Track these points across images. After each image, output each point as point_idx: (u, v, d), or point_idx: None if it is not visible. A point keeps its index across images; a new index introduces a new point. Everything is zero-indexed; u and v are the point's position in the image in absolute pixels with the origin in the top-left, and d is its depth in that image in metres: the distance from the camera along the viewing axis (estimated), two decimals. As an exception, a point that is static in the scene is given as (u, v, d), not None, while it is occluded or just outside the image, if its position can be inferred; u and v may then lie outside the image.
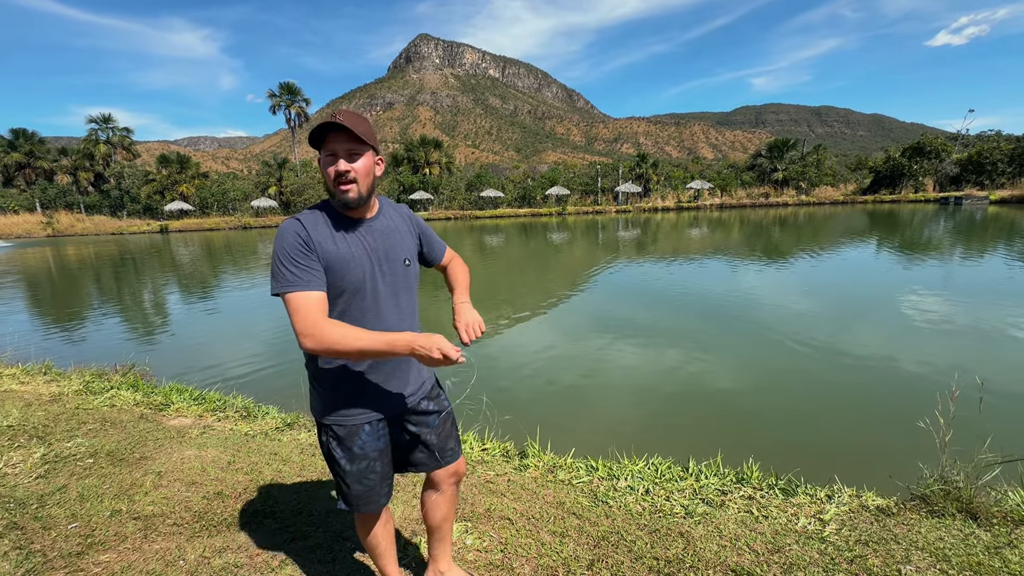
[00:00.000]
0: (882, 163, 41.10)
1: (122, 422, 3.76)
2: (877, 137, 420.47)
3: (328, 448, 1.53)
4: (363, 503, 1.55)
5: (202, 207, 47.68)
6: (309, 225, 1.38)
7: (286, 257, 1.33)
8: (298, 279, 1.31)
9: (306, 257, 1.34)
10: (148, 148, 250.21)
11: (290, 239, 1.34)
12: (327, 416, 1.50)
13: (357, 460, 1.51)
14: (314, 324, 1.27)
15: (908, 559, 1.95)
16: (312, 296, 1.31)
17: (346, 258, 1.40)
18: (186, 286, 13.64)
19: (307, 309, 1.29)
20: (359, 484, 1.53)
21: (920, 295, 8.42)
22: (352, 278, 1.41)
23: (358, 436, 1.50)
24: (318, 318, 1.29)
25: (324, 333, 1.27)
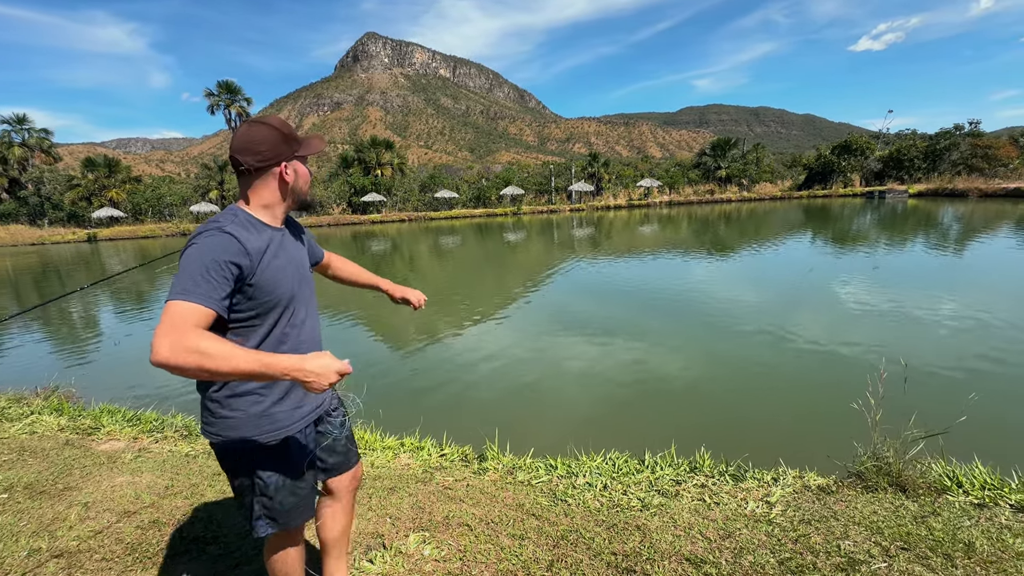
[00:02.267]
0: (814, 160, 43.77)
1: (44, 450, 3.44)
2: (809, 136, 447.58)
3: (251, 468, 1.38)
4: (295, 516, 1.46)
5: (135, 213, 44.66)
6: (243, 239, 1.26)
7: (202, 268, 1.18)
8: (189, 290, 1.15)
9: (220, 273, 1.20)
10: (71, 151, 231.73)
11: (214, 252, 1.21)
12: (252, 433, 1.36)
13: (289, 471, 1.42)
14: (188, 335, 1.09)
15: (846, 534, 2.06)
16: (200, 310, 1.15)
17: (279, 273, 1.35)
18: (119, 299, 12.72)
19: (184, 319, 1.11)
20: (292, 496, 1.44)
21: (851, 283, 9.00)
22: (284, 291, 1.37)
23: (290, 444, 1.42)
24: (195, 330, 1.12)
25: (198, 345, 1.07)
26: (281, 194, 1.40)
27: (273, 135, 1.34)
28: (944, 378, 4.65)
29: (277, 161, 1.35)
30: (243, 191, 1.39)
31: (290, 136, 1.38)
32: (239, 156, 1.33)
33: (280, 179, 1.38)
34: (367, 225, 38.21)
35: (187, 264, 1.19)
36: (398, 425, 3.83)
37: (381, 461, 3.14)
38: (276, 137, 1.34)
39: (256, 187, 1.37)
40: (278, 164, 1.36)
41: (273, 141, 1.34)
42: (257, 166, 1.34)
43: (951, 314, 6.65)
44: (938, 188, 31.86)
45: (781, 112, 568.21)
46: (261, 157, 1.33)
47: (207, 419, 1.37)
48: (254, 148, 1.32)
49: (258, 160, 1.33)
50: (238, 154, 1.33)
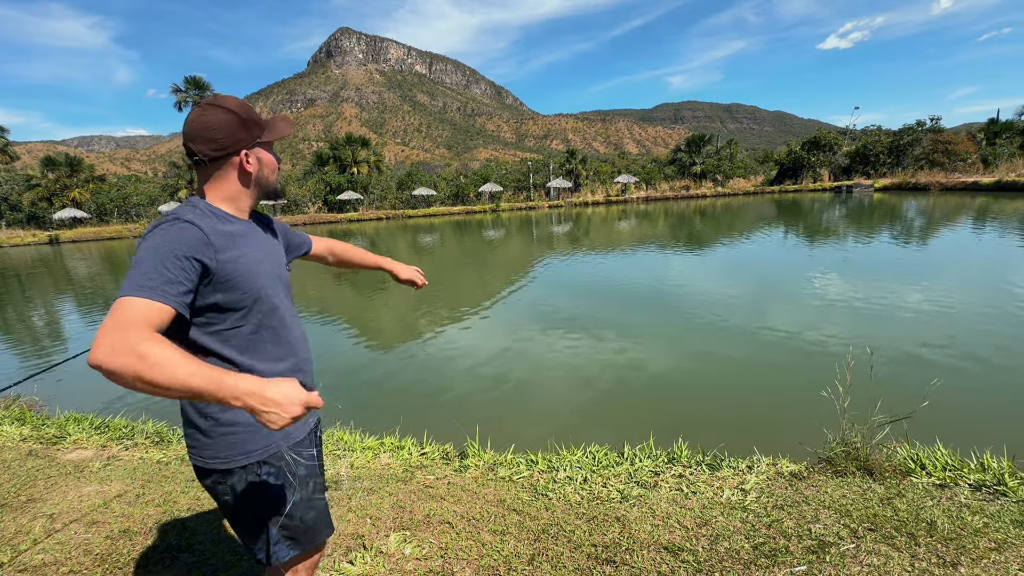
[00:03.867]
0: (785, 156, 44.84)
1: (4, 462, 3.30)
2: (780, 132, 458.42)
3: (262, 487, 1.22)
4: (318, 532, 1.32)
5: (100, 214, 43.05)
6: (206, 228, 1.11)
7: (158, 261, 1.02)
8: (144, 285, 0.99)
9: (178, 267, 1.04)
10: (30, 149, 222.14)
11: (174, 243, 1.05)
12: (258, 445, 1.22)
13: (305, 483, 1.29)
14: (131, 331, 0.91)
15: (817, 518, 2.13)
16: (154, 307, 0.98)
17: (251, 265, 1.20)
18: (84, 304, 12.26)
19: (134, 319, 0.94)
20: (311, 510, 1.30)
21: (821, 275, 9.27)
22: (260, 286, 1.22)
23: (300, 453, 1.29)
24: (141, 331, 0.93)
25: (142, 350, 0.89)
26: (243, 185, 1.24)
27: (230, 120, 1.18)
28: (908, 365, 4.84)
29: (236, 149, 1.19)
30: (201, 182, 1.23)
31: (250, 120, 1.21)
32: (192, 145, 1.17)
33: (240, 169, 1.22)
34: (344, 224, 37.64)
35: (142, 257, 1.03)
36: (378, 425, 3.80)
37: (361, 462, 3.11)
38: (233, 122, 1.18)
39: (215, 178, 1.22)
40: (237, 153, 1.20)
41: (230, 127, 1.18)
42: (213, 155, 1.18)
43: (915, 304, 6.91)
44: (902, 182, 33.00)
45: (753, 109, 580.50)
46: (217, 145, 1.17)
47: (199, 441, 1.20)
48: (208, 135, 1.16)
49: (214, 149, 1.17)
50: (192, 142, 1.17)
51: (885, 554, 1.86)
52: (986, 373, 4.65)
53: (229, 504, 1.24)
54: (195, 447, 1.21)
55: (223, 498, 1.24)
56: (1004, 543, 1.87)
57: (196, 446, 1.21)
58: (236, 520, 1.27)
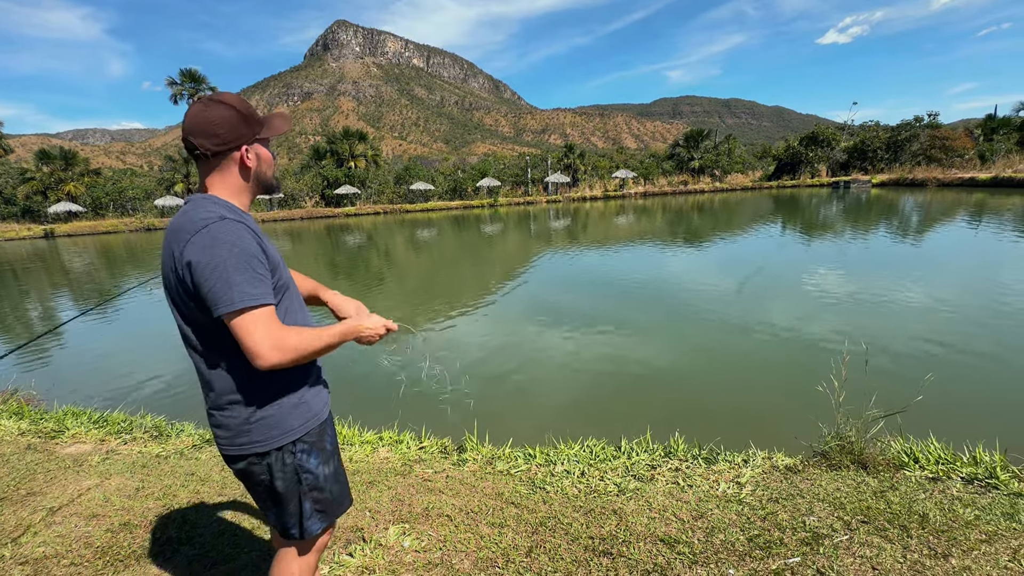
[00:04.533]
0: (783, 151, 44.84)
1: (3, 456, 3.31)
2: (779, 127, 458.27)
3: (296, 466, 1.32)
4: (342, 504, 1.44)
5: (95, 208, 42.75)
6: (253, 226, 1.23)
7: (244, 266, 1.14)
8: (256, 293, 1.15)
9: (263, 266, 1.19)
10: (23, 142, 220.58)
11: (244, 244, 1.16)
12: (292, 425, 1.31)
13: (332, 457, 1.41)
14: (282, 335, 1.16)
15: (811, 510, 2.16)
16: (270, 310, 1.18)
17: (275, 252, 1.31)
18: (81, 297, 12.22)
19: (272, 321, 1.17)
20: (337, 483, 1.42)
21: (818, 271, 9.31)
22: (285, 271, 1.34)
23: (327, 431, 1.41)
24: (281, 327, 1.18)
25: (291, 342, 1.17)
26: (244, 180, 1.29)
27: (232, 116, 1.22)
28: (903, 360, 4.87)
29: (237, 145, 1.24)
30: (202, 177, 1.27)
31: (250, 116, 1.26)
32: (194, 139, 1.21)
33: (241, 164, 1.27)
34: (341, 218, 37.52)
35: (230, 264, 1.13)
36: (376, 419, 3.81)
37: (360, 456, 3.12)
38: (235, 118, 1.22)
39: (217, 173, 1.26)
40: (238, 148, 1.25)
41: (232, 123, 1.22)
42: (215, 150, 1.22)
43: (911, 299, 6.95)
44: (899, 178, 33.05)
45: (752, 104, 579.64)
46: (219, 140, 1.21)
47: (235, 430, 1.27)
48: (211, 130, 1.20)
49: (216, 144, 1.21)
50: (193, 137, 1.21)
51: (878, 546, 1.89)
52: (980, 368, 4.69)
53: (265, 484, 1.32)
54: (230, 437, 1.28)
55: (259, 478, 1.31)
56: (994, 535, 1.90)
57: (231, 435, 1.28)
58: (272, 499, 1.34)
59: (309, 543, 1.42)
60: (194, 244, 1.13)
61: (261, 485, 1.33)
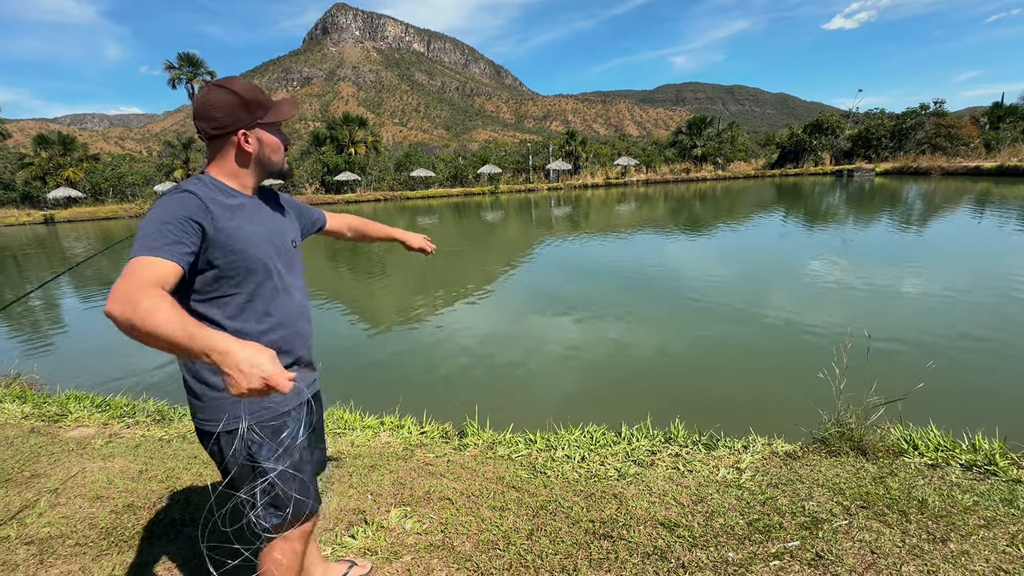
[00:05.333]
0: (787, 139, 44.46)
1: (7, 439, 3.33)
2: (782, 115, 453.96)
3: (247, 454, 1.28)
4: (301, 504, 1.36)
5: (94, 193, 42.59)
6: (206, 198, 1.19)
7: (156, 224, 1.11)
8: (153, 246, 1.08)
9: (180, 228, 1.12)
10: (21, 127, 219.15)
11: (174, 208, 1.14)
12: (240, 416, 1.26)
13: (289, 453, 1.33)
14: (139, 287, 0.99)
15: (811, 495, 2.17)
16: (159, 262, 1.07)
17: (248, 235, 1.26)
18: (81, 283, 12.22)
19: (140, 272, 1.03)
20: (295, 480, 1.35)
21: (820, 259, 9.28)
22: (256, 258, 1.27)
23: (287, 426, 1.33)
24: (149, 284, 1.02)
25: (139, 298, 0.96)
26: (240, 164, 1.30)
27: (230, 101, 1.24)
28: (905, 348, 4.87)
29: (234, 129, 1.26)
30: (208, 158, 1.32)
31: (253, 102, 1.26)
32: (196, 122, 1.27)
33: (239, 149, 1.28)
34: (341, 205, 37.36)
35: (147, 223, 1.13)
36: (378, 404, 3.83)
37: (361, 440, 3.14)
38: (234, 103, 1.24)
39: (218, 155, 1.30)
40: (235, 132, 1.26)
41: (229, 107, 1.24)
42: (212, 133, 1.26)
43: (913, 288, 6.93)
44: (904, 166, 32.81)
45: (755, 91, 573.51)
46: (216, 124, 1.24)
47: (195, 405, 1.28)
48: (209, 114, 1.24)
49: (213, 127, 1.25)
50: (195, 119, 1.27)
51: (877, 530, 1.90)
52: (981, 356, 4.69)
53: (219, 466, 1.33)
54: (192, 411, 1.30)
55: (216, 460, 1.33)
56: (993, 520, 1.91)
57: (193, 410, 1.30)
58: (227, 481, 1.33)
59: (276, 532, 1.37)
60: (150, 209, 1.18)
61: (219, 467, 1.34)
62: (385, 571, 1.89)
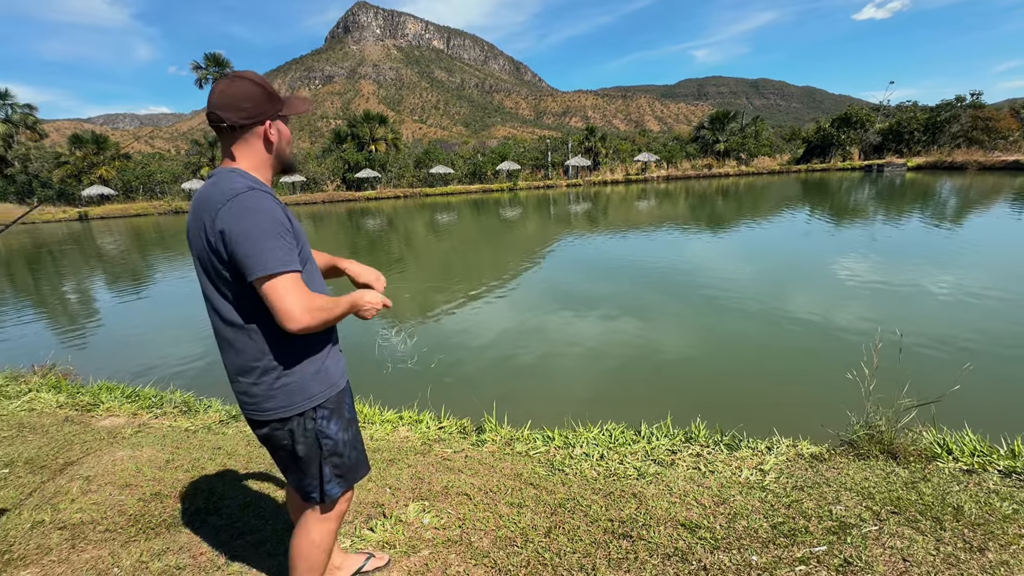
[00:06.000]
0: (813, 133, 43.24)
1: (43, 427, 3.46)
2: (809, 108, 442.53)
3: (317, 432, 1.37)
4: (360, 470, 1.50)
5: (126, 191, 43.93)
6: (277, 198, 1.29)
7: (272, 233, 1.19)
8: (287, 259, 1.21)
9: (289, 234, 1.25)
10: (57, 127, 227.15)
11: (273, 213, 1.22)
12: (312, 392, 1.35)
13: (350, 425, 1.46)
14: (311, 299, 1.23)
15: (838, 499, 2.10)
16: (300, 276, 1.25)
17: (297, 225, 1.35)
18: (114, 277, 12.63)
19: (301, 285, 1.23)
20: (355, 449, 1.47)
21: (848, 258, 9.01)
22: (304, 243, 1.37)
23: (344, 399, 1.45)
24: (310, 293, 1.25)
25: (317, 303, 1.23)
26: (267, 153, 1.34)
27: (257, 91, 1.27)
28: (938, 350, 4.70)
29: (261, 120, 1.29)
30: (226, 151, 1.31)
31: (273, 94, 1.31)
32: (221, 112, 1.25)
33: (265, 139, 1.31)
34: (362, 202, 37.81)
35: (262, 232, 1.18)
36: (396, 399, 3.86)
37: (380, 434, 3.17)
38: (260, 94, 1.27)
39: (240, 147, 1.30)
40: (262, 123, 1.29)
41: (257, 98, 1.27)
42: (241, 123, 1.27)
43: (947, 287, 6.68)
44: (937, 161, 31.63)
45: (781, 84, 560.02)
46: (246, 114, 1.26)
47: (259, 396, 1.32)
48: (238, 104, 1.25)
49: (242, 117, 1.26)
50: (219, 110, 1.25)
51: (909, 537, 1.83)
52: (1020, 359, 4.49)
53: (288, 448, 1.38)
54: (255, 403, 1.33)
55: (282, 443, 1.38)
56: (1034, 530, 1.82)
57: (255, 401, 1.33)
58: (294, 463, 1.41)
59: (329, 507, 1.47)
60: (226, 213, 1.18)
61: (284, 450, 1.39)
62: (403, 565, 1.90)
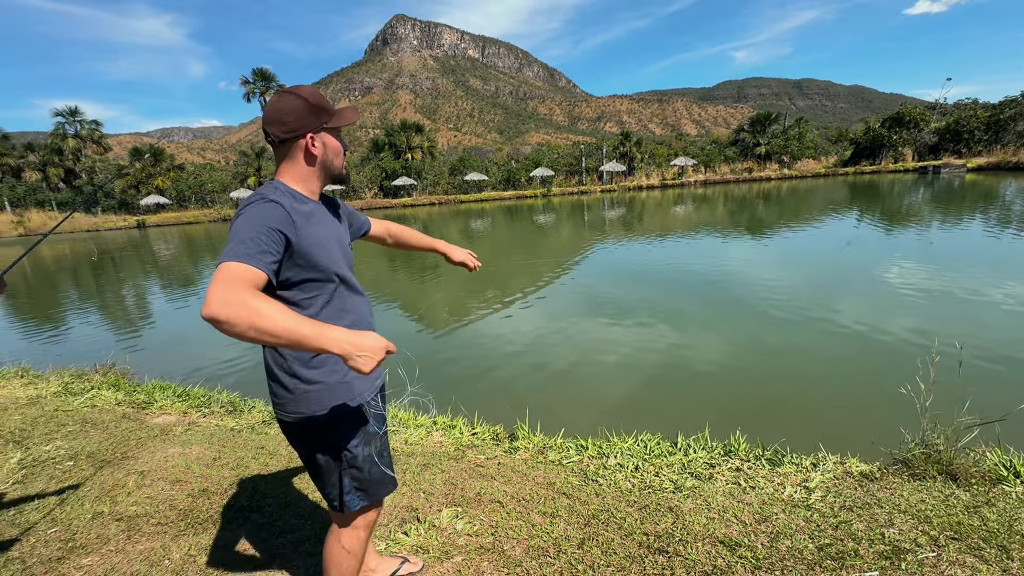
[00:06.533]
0: (862, 134, 41.36)
1: (103, 422, 3.68)
2: (857, 108, 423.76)
3: (335, 441, 1.38)
4: (383, 486, 1.47)
5: (179, 200, 46.54)
6: (289, 208, 1.25)
7: (246, 234, 1.16)
8: (244, 253, 1.12)
9: (269, 238, 1.18)
10: (119, 141, 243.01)
11: (262, 218, 1.19)
12: (333, 403, 1.36)
13: (374, 440, 1.44)
14: (242, 292, 1.05)
15: (891, 522, 1.98)
16: (249, 271, 1.11)
17: (323, 242, 1.33)
18: (167, 282, 13.36)
19: (237, 278, 1.08)
20: (377, 465, 1.44)
21: (901, 264, 8.54)
22: (331, 264, 1.35)
23: (370, 413, 1.44)
24: (249, 289, 1.08)
25: (249, 301, 1.03)
26: (309, 166, 1.36)
27: (300, 105, 1.30)
28: (1004, 364, 4.38)
29: (303, 132, 1.32)
30: (277, 163, 1.37)
31: (319, 107, 1.33)
32: (267, 127, 1.32)
33: (306, 151, 1.34)
34: (398, 209, 38.64)
35: (236, 231, 1.18)
36: (428, 403, 3.89)
37: (414, 438, 3.21)
38: (302, 108, 1.30)
39: (286, 160, 1.35)
40: (303, 136, 1.32)
41: (299, 112, 1.30)
42: (283, 137, 1.31)
43: (1013, 298, 6.23)
44: (1000, 162, 29.65)
45: (826, 84, 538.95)
46: (287, 128, 1.30)
47: (284, 397, 1.35)
48: (280, 119, 1.30)
49: (284, 131, 1.30)
50: (267, 125, 1.32)
51: (971, 566, 1.71)
52: (1098, 375, 4.13)
53: (309, 454, 1.41)
54: (280, 403, 1.36)
55: (303, 449, 1.41)
56: (1117, 564, 1.66)
57: (281, 402, 1.36)
58: (315, 469, 1.43)
59: (351, 517, 1.48)
60: (236, 216, 1.24)
61: (305, 454, 1.42)
62: (436, 570, 1.91)
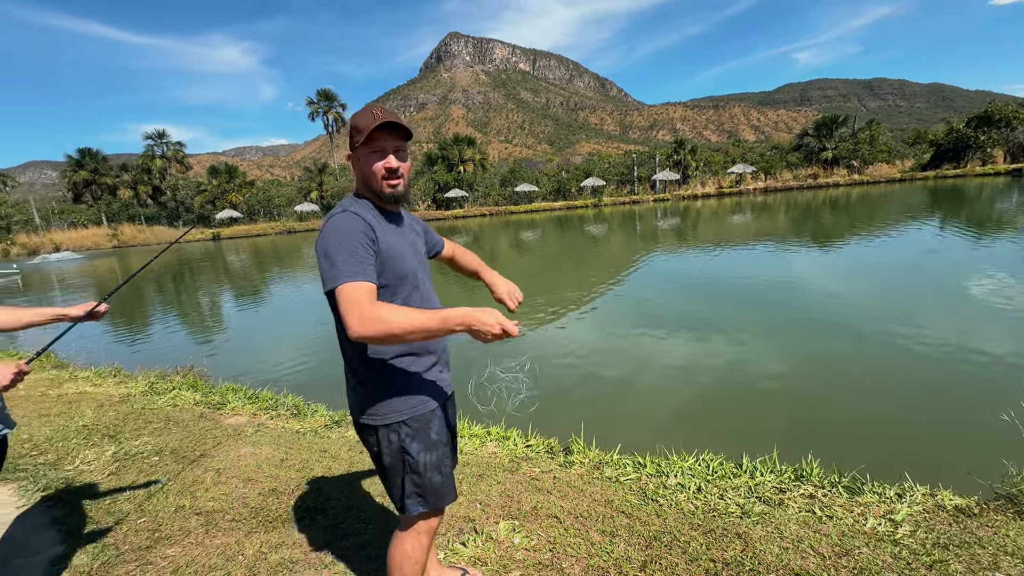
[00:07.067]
0: (944, 136, 38.19)
1: (183, 421, 3.96)
2: (937, 108, 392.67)
3: (401, 447, 1.43)
4: (444, 493, 1.49)
5: (249, 214, 49.94)
6: (367, 217, 1.36)
7: (345, 249, 1.27)
8: (354, 271, 1.25)
9: (365, 250, 1.29)
10: (199, 160, 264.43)
11: (351, 232, 1.30)
12: (400, 412, 1.42)
13: (434, 448, 1.46)
14: (370, 308, 1.21)
15: (996, 564, 1.78)
16: (365, 286, 1.25)
17: (399, 250, 1.42)
18: (239, 290, 14.30)
19: (361, 296, 1.22)
20: (438, 474, 1.47)
21: (993, 277, 7.76)
22: (406, 270, 1.43)
23: (432, 422, 1.47)
24: (373, 303, 1.23)
25: (380, 314, 1.20)
26: (360, 183, 1.47)
27: (351, 124, 1.43)
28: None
29: (351, 151, 1.44)
30: None
31: (354, 127, 1.42)
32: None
33: (353, 168, 1.48)
34: (450, 220, 39.52)
35: (336, 247, 1.27)
36: (483, 414, 3.92)
37: (469, 448, 3.23)
38: (351, 128, 1.42)
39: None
40: (352, 154, 1.45)
41: (351, 132, 1.42)
42: (348, 155, 1.47)
43: None
44: (1113, 161, 26.42)
45: (901, 83, 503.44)
46: (351, 144, 1.43)
47: (356, 400, 1.44)
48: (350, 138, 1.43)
49: (349, 149, 1.45)
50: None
51: (1099, 622, 1.50)
52: None
53: (375, 456, 1.48)
54: (351, 406, 1.47)
55: (372, 450, 1.48)
56: None
57: (352, 404, 1.47)
58: (380, 470, 1.50)
59: (412, 521, 1.50)
60: (319, 234, 1.34)
61: (373, 455, 1.48)
62: (494, 583, 1.90)
